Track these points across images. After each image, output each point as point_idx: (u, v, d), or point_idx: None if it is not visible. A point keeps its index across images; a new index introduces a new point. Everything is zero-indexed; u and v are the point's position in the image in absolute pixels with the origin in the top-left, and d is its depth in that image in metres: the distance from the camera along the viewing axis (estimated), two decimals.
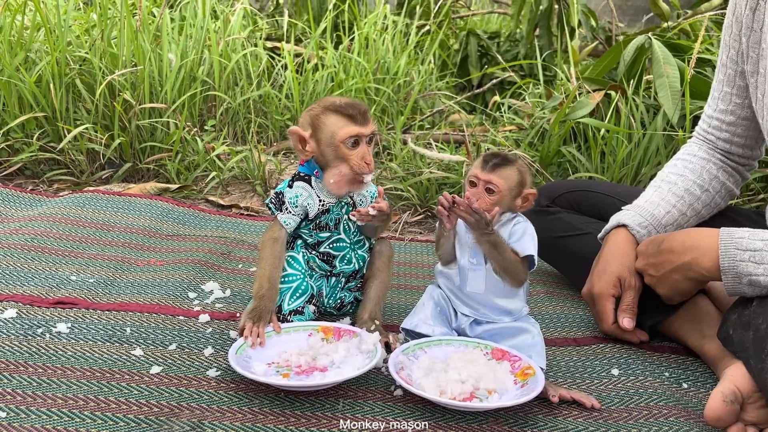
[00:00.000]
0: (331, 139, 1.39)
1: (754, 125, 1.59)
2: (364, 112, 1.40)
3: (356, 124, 1.39)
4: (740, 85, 1.55)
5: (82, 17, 3.15)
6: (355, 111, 1.39)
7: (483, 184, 1.36)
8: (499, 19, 5.30)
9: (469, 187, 1.38)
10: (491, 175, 1.35)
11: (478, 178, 1.36)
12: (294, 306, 1.45)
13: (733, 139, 1.62)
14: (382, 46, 3.53)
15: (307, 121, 1.43)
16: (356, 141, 1.39)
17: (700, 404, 1.30)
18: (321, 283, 1.52)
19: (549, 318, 1.68)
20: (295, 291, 1.46)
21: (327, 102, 1.43)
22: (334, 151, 1.40)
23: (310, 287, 1.48)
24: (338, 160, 1.40)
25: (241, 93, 3.11)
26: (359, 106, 1.41)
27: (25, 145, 2.54)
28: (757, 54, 1.46)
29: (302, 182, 1.47)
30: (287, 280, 1.46)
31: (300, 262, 1.49)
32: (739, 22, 1.49)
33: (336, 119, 1.39)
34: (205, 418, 1.16)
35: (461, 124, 3.29)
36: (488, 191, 1.36)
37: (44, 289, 1.60)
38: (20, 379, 1.23)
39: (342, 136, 1.38)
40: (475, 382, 1.25)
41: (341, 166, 1.41)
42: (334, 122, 1.39)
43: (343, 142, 1.39)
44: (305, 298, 1.46)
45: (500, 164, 1.36)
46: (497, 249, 1.33)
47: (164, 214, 2.19)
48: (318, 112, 1.41)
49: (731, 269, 1.28)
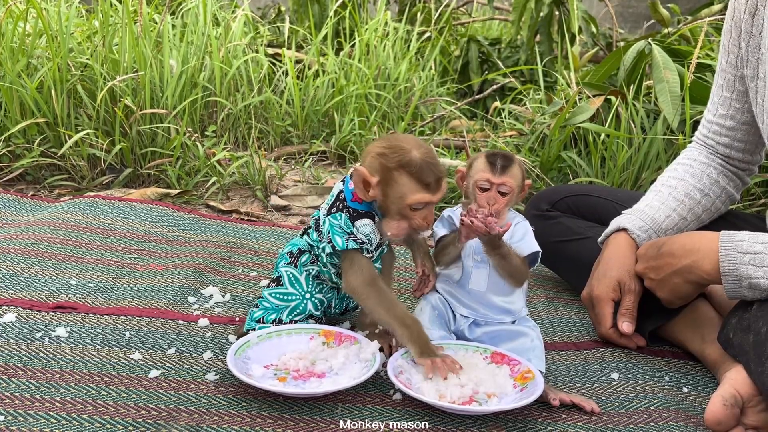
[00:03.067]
0: (400, 200, 1.31)
1: (754, 130, 1.59)
2: (438, 180, 1.30)
3: (429, 192, 1.30)
4: (740, 89, 1.55)
5: (84, 24, 3.16)
6: (431, 179, 1.29)
7: (496, 187, 1.36)
8: (499, 26, 5.32)
9: (480, 191, 1.37)
10: (504, 177, 1.36)
11: (491, 182, 1.36)
12: (293, 319, 1.43)
13: (733, 143, 1.62)
14: (383, 53, 3.54)
15: (375, 167, 1.31)
16: (424, 205, 1.33)
17: (701, 408, 1.29)
18: (332, 295, 1.49)
19: (549, 322, 1.67)
20: (292, 310, 1.43)
21: (403, 156, 1.29)
22: (399, 209, 1.32)
23: (308, 309, 1.44)
24: (401, 215, 1.33)
25: (242, 99, 3.12)
26: (436, 172, 1.29)
27: (26, 150, 2.55)
28: (756, 58, 1.46)
29: (368, 220, 1.36)
30: (286, 299, 1.44)
31: (302, 282, 1.44)
32: (739, 27, 1.49)
33: (409, 183, 1.29)
34: (204, 422, 1.16)
35: (462, 130, 3.29)
36: (501, 193, 1.36)
37: (44, 293, 1.60)
38: (19, 383, 1.23)
39: (412, 201, 1.30)
40: (475, 386, 1.25)
41: (402, 222, 1.33)
42: (407, 185, 1.29)
43: (411, 206, 1.31)
44: (303, 318, 1.44)
45: (508, 165, 1.37)
46: (506, 259, 1.33)
47: (164, 219, 2.19)
48: (392, 166, 1.29)
49: (731, 272, 1.28)
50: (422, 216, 1.32)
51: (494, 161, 1.37)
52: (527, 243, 1.38)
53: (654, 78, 2.41)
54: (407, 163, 1.28)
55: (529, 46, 3.96)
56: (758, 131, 1.59)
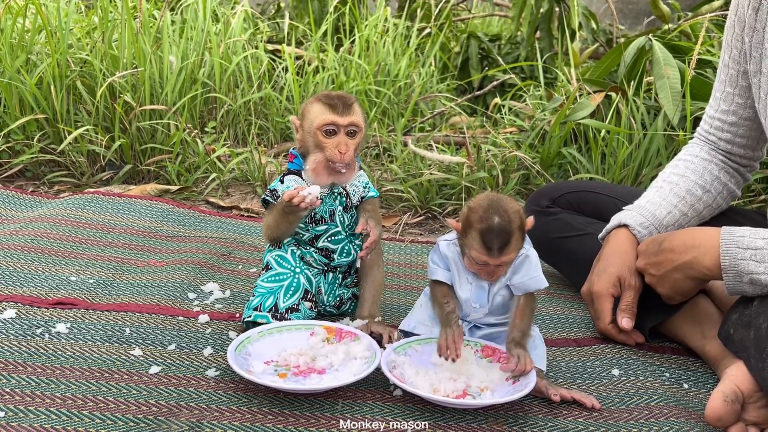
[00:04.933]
0: (310, 126, 1.44)
1: (756, 126, 1.59)
2: (346, 103, 1.43)
3: (334, 113, 1.42)
4: (742, 85, 1.55)
5: (83, 20, 3.16)
6: (337, 101, 1.43)
7: (495, 263, 1.26)
8: (499, 22, 5.30)
9: (478, 265, 1.28)
10: (502, 258, 1.25)
11: (488, 264, 1.26)
12: (289, 303, 1.44)
13: (735, 139, 1.61)
14: (383, 49, 3.53)
15: (300, 112, 1.49)
16: (333, 130, 1.42)
17: (701, 404, 1.29)
18: (319, 279, 1.52)
19: (549, 319, 1.67)
20: (287, 289, 1.45)
21: (320, 93, 1.48)
22: (313, 139, 1.44)
23: (302, 284, 1.47)
24: (316, 148, 1.44)
25: (242, 95, 3.11)
26: (344, 98, 1.44)
27: (25, 147, 2.54)
28: (759, 54, 1.45)
29: (293, 176, 1.50)
30: (278, 278, 1.46)
31: (288, 260, 1.49)
32: (742, 22, 1.49)
33: (317, 107, 1.44)
34: (204, 418, 1.16)
35: (462, 126, 3.29)
36: (499, 267, 1.28)
37: (44, 289, 1.59)
38: (19, 379, 1.23)
39: (319, 123, 1.42)
40: (467, 380, 1.25)
41: (317, 154, 1.44)
42: (315, 110, 1.44)
43: (320, 129, 1.42)
44: (299, 294, 1.46)
45: (505, 245, 1.24)
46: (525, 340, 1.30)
47: (164, 215, 2.19)
48: (308, 102, 1.48)
49: (732, 268, 1.27)
50: (334, 144, 1.41)
51: (491, 244, 1.23)
52: (536, 281, 1.32)
53: (654, 74, 2.41)
54: (319, 94, 1.47)
55: (529, 42, 3.95)
56: (760, 127, 1.58)
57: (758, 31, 1.45)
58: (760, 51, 1.45)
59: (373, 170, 2.76)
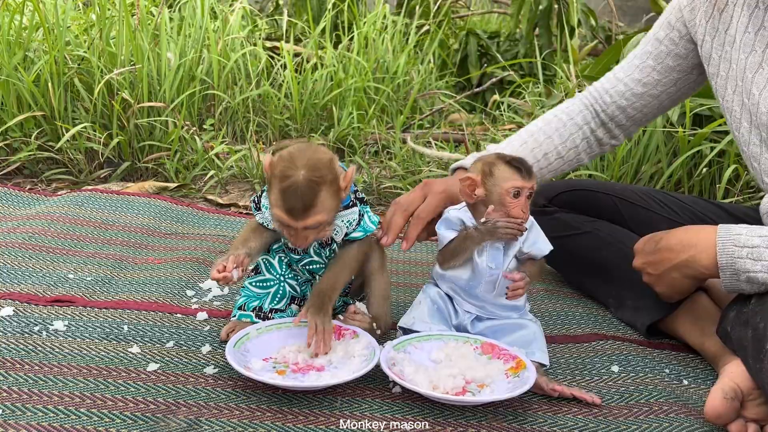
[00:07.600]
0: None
1: (656, 104, 1.63)
2: (305, 205, 1.24)
3: (291, 217, 1.25)
4: (668, 65, 1.57)
5: (81, 17, 3.15)
6: (295, 203, 1.24)
7: (526, 191, 1.33)
8: (498, 19, 5.29)
9: (512, 198, 1.31)
10: (533, 180, 1.33)
11: (523, 187, 1.32)
12: (275, 306, 1.43)
13: (628, 110, 1.65)
14: (382, 46, 3.53)
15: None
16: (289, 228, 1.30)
17: (701, 401, 1.29)
18: (306, 288, 1.48)
19: (549, 315, 1.67)
20: (274, 295, 1.43)
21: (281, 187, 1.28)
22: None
23: (287, 292, 1.44)
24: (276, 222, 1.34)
25: (240, 92, 3.10)
26: (303, 199, 1.24)
27: (23, 144, 2.54)
28: (719, 56, 1.45)
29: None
30: (265, 285, 1.44)
31: (275, 267, 1.44)
32: (696, 13, 1.49)
33: (277, 211, 1.27)
34: (202, 415, 1.16)
35: (461, 123, 3.29)
36: (528, 197, 1.34)
37: (41, 287, 1.59)
38: (16, 377, 1.22)
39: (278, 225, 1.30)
40: (467, 377, 1.25)
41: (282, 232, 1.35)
42: (276, 212, 1.27)
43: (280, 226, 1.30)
44: (286, 301, 1.44)
45: (530, 168, 1.34)
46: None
47: (163, 212, 2.18)
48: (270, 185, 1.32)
49: (729, 266, 1.27)
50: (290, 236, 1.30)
51: (520, 166, 1.32)
52: (539, 247, 1.38)
53: None
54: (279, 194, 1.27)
55: (528, 39, 3.95)
56: (658, 110, 1.66)
57: (720, 33, 1.44)
58: (720, 53, 1.44)
59: (372, 167, 2.75)
